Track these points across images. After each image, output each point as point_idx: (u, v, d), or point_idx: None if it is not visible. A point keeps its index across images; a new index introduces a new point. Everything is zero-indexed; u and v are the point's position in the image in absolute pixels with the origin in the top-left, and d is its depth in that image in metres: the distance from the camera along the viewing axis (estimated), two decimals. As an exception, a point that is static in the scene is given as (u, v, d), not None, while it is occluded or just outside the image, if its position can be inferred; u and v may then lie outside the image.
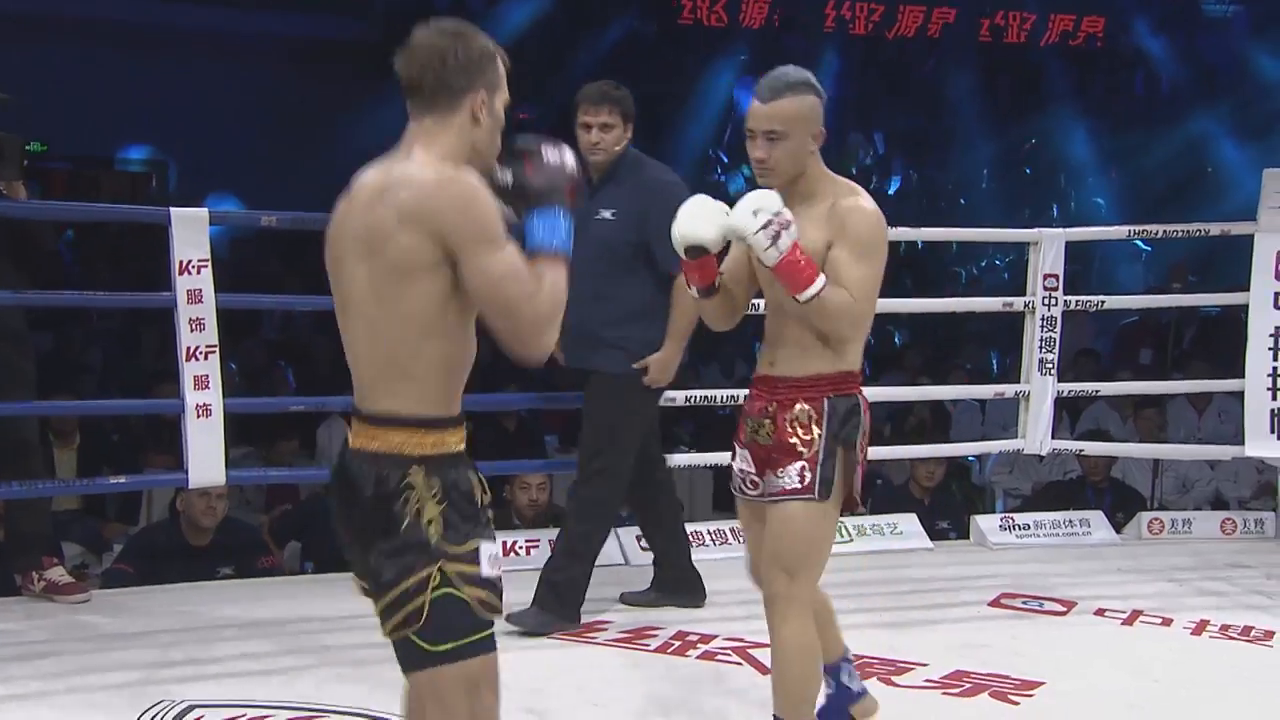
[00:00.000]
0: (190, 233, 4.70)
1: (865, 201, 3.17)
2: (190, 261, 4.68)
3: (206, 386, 4.71)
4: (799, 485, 3.11)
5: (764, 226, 2.98)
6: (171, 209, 4.84)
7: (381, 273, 2.40)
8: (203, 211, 4.81)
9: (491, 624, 2.48)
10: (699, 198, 3.25)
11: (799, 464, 3.11)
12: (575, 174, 2.56)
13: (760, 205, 3.01)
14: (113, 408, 6.85)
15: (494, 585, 2.47)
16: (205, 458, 4.74)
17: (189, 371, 4.69)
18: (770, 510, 3.19)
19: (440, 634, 2.40)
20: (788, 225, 2.99)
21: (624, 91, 4.64)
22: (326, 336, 9.98)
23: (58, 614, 4.65)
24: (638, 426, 4.69)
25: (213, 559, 5.38)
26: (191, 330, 4.69)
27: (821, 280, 3.02)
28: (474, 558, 2.43)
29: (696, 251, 3.15)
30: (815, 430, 3.12)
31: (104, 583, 5.29)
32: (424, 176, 2.40)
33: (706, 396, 5.83)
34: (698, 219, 3.14)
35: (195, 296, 4.67)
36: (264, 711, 3.79)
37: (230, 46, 14.58)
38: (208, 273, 4.68)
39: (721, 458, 4.87)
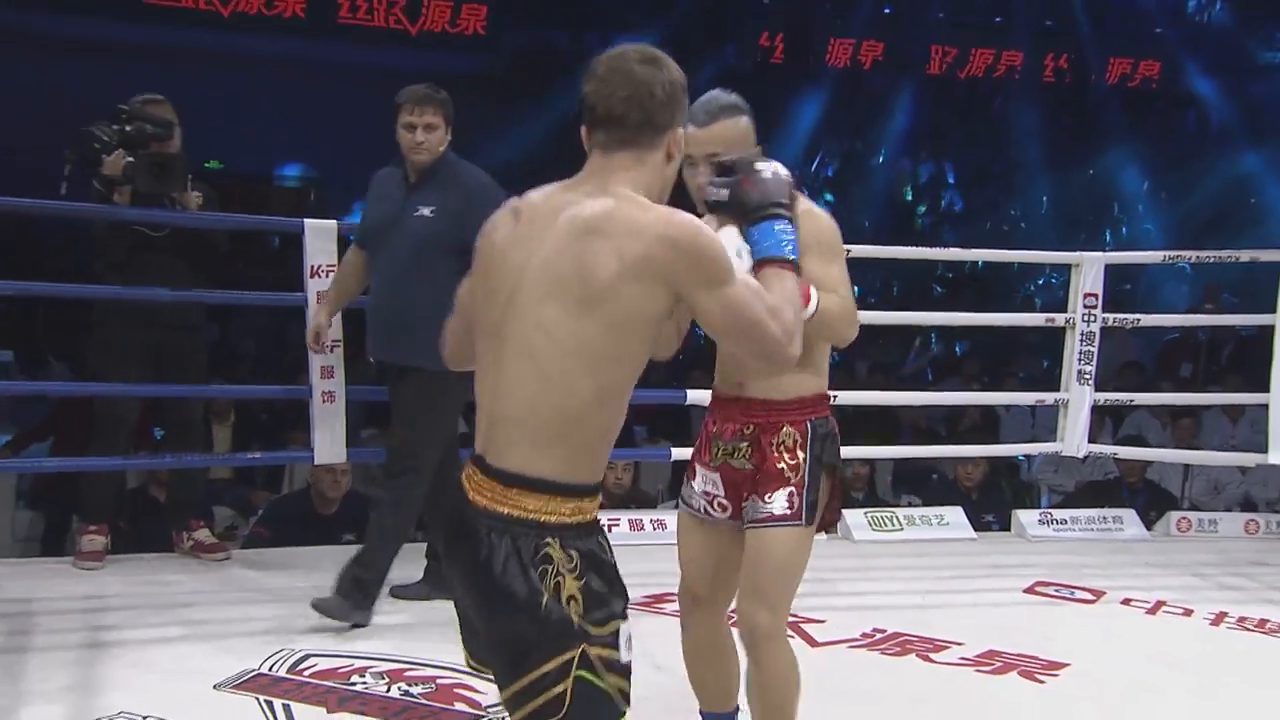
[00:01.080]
0: (321, 241, 4.75)
1: (814, 207, 2.83)
2: (320, 266, 4.73)
3: (331, 376, 4.76)
4: (787, 511, 2.77)
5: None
6: (306, 220, 4.90)
7: (596, 322, 1.98)
8: (332, 223, 4.85)
9: (624, 714, 2.06)
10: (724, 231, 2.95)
11: (786, 490, 2.78)
12: (791, 186, 2.34)
13: (739, 246, 2.52)
14: (255, 392, 6.97)
15: (629, 671, 2.05)
16: (329, 438, 4.79)
17: (316, 362, 4.74)
18: (752, 535, 2.81)
19: None
20: None
21: (445, 95, 4.27)
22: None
23: (202, 570, 4.75)
24: (450, 422, 4.42)
25: (337, 526, 5.42)
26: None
27: (815, 292, 2.69)
28: (614, 641, 2.01)
29: None
30: (800, 454, 2.80)
31: (244, 544, 5.37)
32: (647, 220, 2.00)
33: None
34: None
35: (323, 297, 4.71)
36: (368, 662, 3.80)
37: (373, 78, 14.80)
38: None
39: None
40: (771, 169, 2.33)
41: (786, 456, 2.78)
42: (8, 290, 6.39)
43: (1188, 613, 4.85)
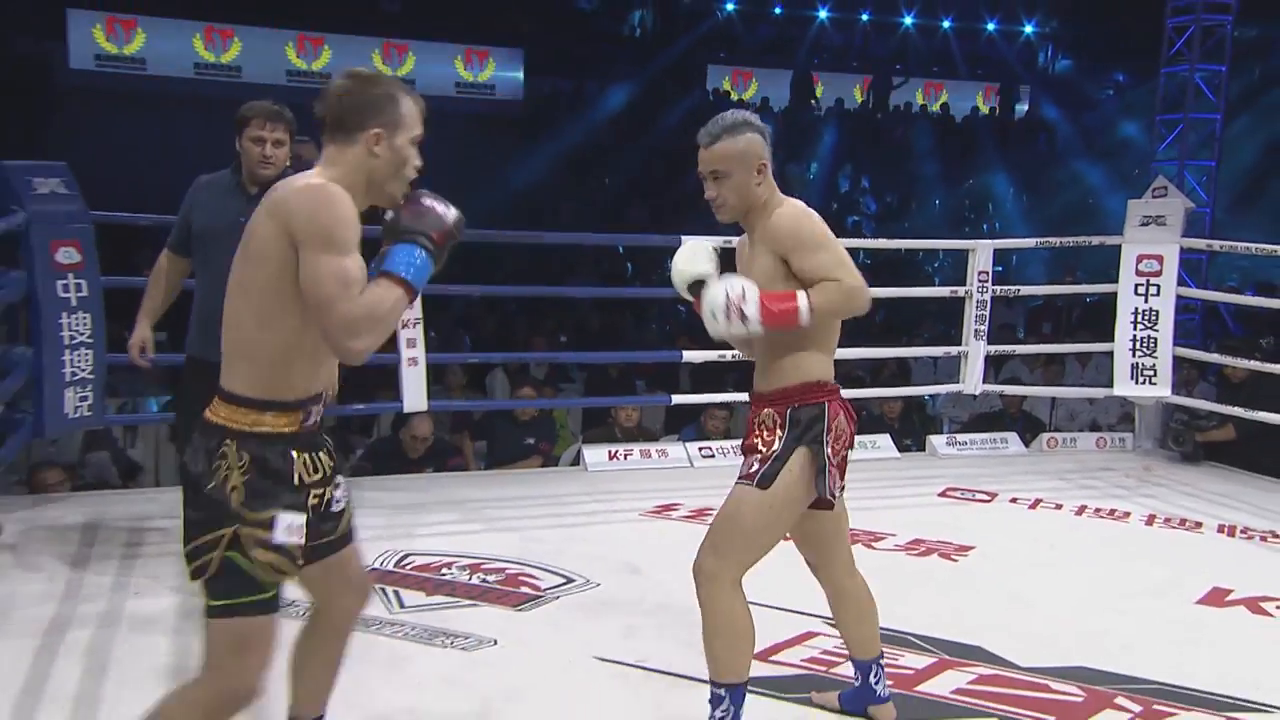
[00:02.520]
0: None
1: (785, 208, 2.48)
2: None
3: (414, 346, 4.79)
4: (748, 473, 2.46)
5: (730, 319, 2.39)
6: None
7: (242, 260, 1.99)
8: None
9: (276, 588, 1.98)
10: (691, 241, 2.71)
11: (756, 458, 2.47)
12: (449, 225, 2.03)
13: (712, 308, 2.42)
14: None
15: (287, 552, 1.96)
16: (414, 393, 4.83)
17: (403, 336, 4.76)
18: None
19: (219, 590, 1.95)
20: (742, 296, 2.39)
21: (290, 113, 3.60)
22: (491, 314, 10.14)
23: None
24: None
25: (421, 461, 5.47)
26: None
27: (802, 297, 2.39)
28: (270, 524, 1.94)
29: (698, 286, 2.48)
30: (779, 433, 2.46)
31: (350, 474, 5.39)
32: (297, 184, 1.96)
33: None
34: (697, 257, 2.51)
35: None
36: (453, 558, 3.87)
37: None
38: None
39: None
40: (437, 205, 2.04)
41: (765, 434, 2.48)
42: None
43: (1059, 506, 4.93)
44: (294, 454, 2.00)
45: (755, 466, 2.46)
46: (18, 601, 3.34)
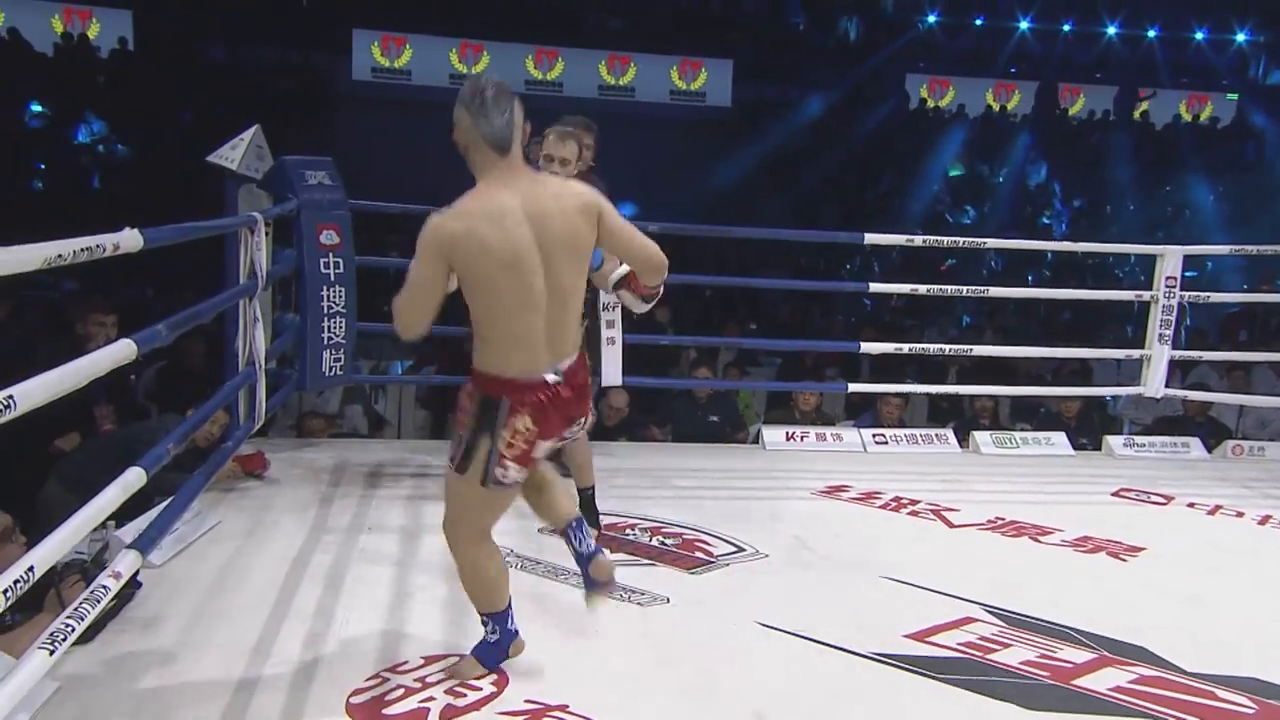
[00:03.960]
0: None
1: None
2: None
3: (613, 327, 4.79)
4: (449, 455, 2.42)
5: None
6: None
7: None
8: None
9: None
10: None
11: (456, 437, 2.39)
12: None
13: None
14: None
15: None
16: (611, 369, 4.85)
17: (603, 318, 4.78)
18: None
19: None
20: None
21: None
22: (690, 302, 10.16)
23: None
24: None
25: (616, 430, 5.53)
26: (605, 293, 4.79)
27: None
28: None
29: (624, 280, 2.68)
30: (465, 416, 2.37)
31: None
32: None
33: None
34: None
35: (611, 273, 4.77)
36: (638, 521, 3.87)
37: (636, 119, 15.09)
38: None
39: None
40: None
41: (461, 415, 2.40)
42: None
43: (1239, 514, 4.46)
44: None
45: (451, 448, 2.43)
46: (277, 528, 3.60)
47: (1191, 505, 4.56)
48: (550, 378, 2.32)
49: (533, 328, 2.29)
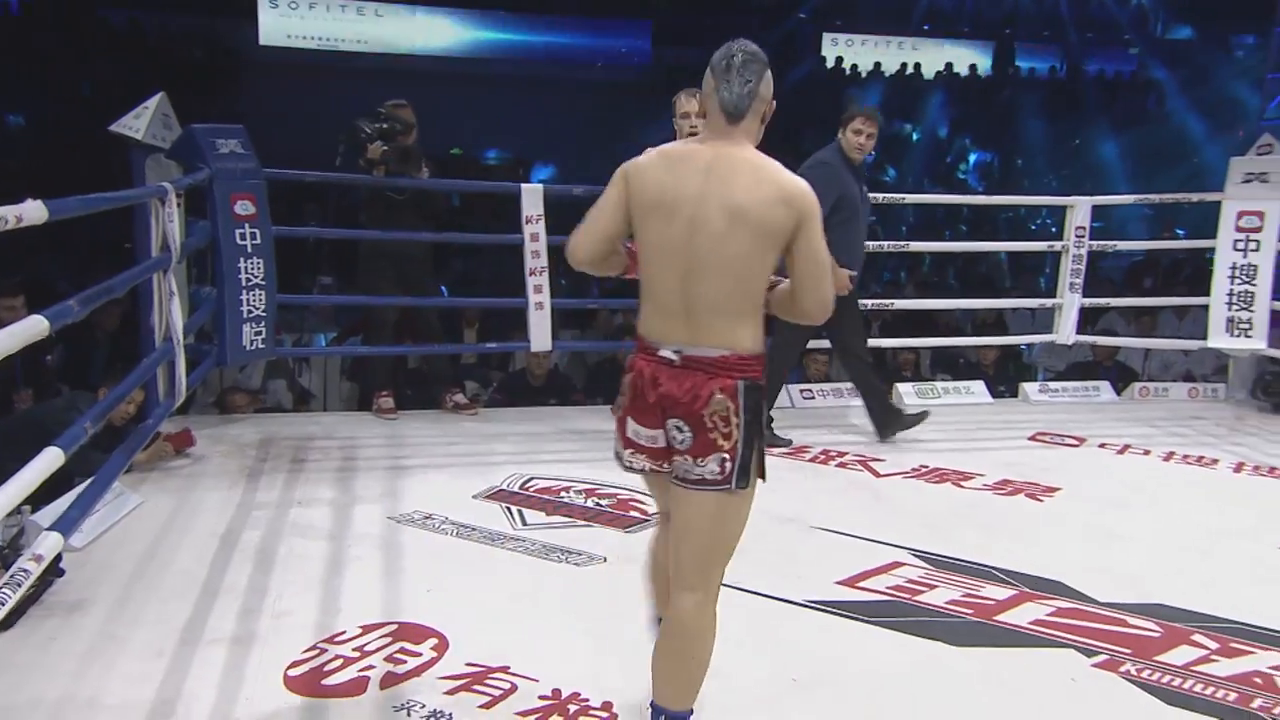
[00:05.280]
0: (532, 198, 4.76)
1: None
2: (532, 216, 4.74)
3: (541, 291, 4.79)
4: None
5: None
6: (521, 185, 4.91)
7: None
8: (539, 187, 4.85)
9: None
10: None
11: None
12: None
13: None
14: (491, 303, 6.70)
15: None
16: (540, 334, 4.84)
17: (531, 282, 4.76)
18: None
19: None
20: None
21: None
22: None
23: (460, 421, 4.85)
24: None
25: (545, 394, 5.52)
26: (533, 258, 4.76)
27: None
28: None
29: None
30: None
31: (486, 404, 5.50)
32: None
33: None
34: None
35: (535, 237, 4.73)
36: (571, 483, 3.88)
37: (555, 81, 14.90)
38: (542, 222, 4.72)
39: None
40: None
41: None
42: (331, 235, 6.61)
43: (1146, 452, 4.67)
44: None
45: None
46: (204, 506, 3.52)
47: (1103, 445, 4.75)
48: (665, 352, 2.01)
49: (665, 287, 2.02)
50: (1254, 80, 10.30)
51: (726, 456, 1.98)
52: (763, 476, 2.05)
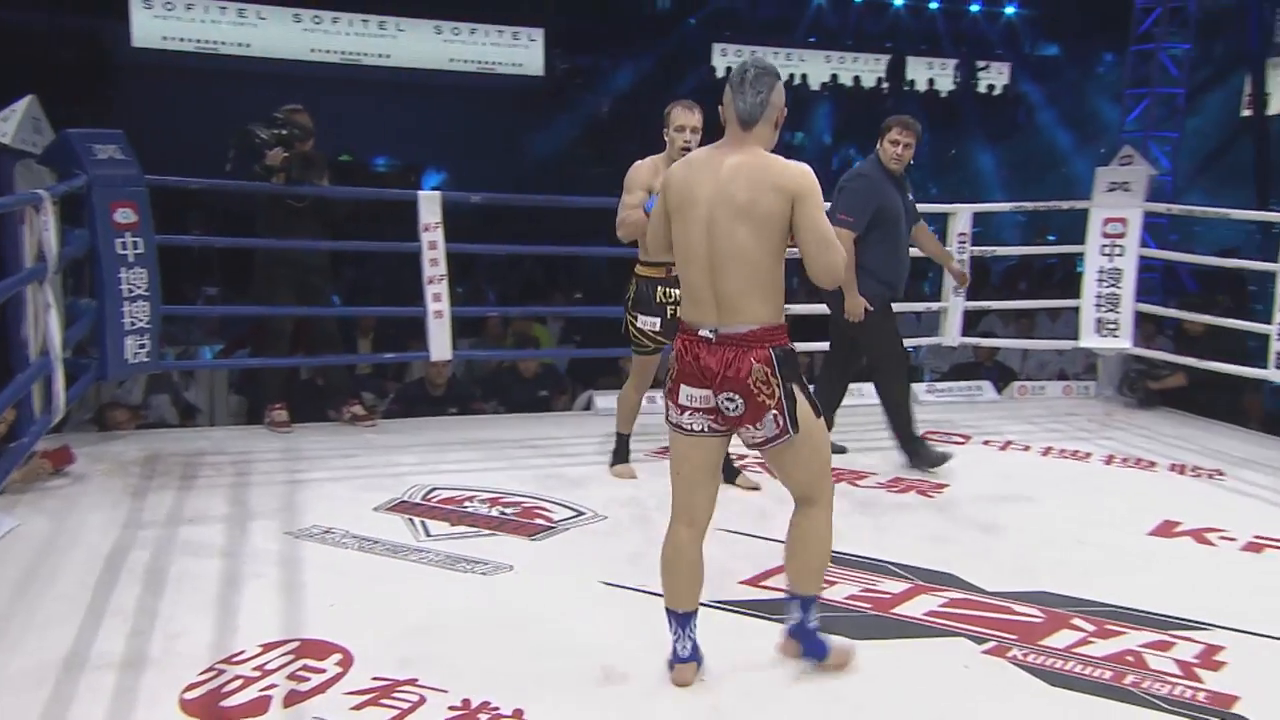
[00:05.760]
0: (429, 205, 4.71)
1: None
2: (430, 223, 4.70)
3: (440, 300, 4.75)
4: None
5: None
6: (419, 192, 4.85)
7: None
8: (438, 194, 4.81)
9: (651, 347, 3.87)
10: None
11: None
12: None
13: None
14: (388, 312, 6.71)
15: (647, 334, 3.86)
16: (439, 342, 4.80)
17: (429, 291, 4.72)
18: None
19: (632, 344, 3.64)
20: None
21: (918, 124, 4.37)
22: (514, 272, 10.08)
23: (358, 433, 4.77)
24: None
25: (445, 403, 5.46)
26: (431, 266, 4.71)
27: None
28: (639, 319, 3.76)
29: None
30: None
31: (384, 416, 5.39)
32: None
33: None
34: None
35: (433, 245, 4.69)
36: (475, 493, 3.86)
37: (446, 87, 14.73)
38: (440, 230, 4.69)
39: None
40: None
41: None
42: (220, 244, 6.36)
43: (1026, 448, 4.89)
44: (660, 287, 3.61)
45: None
46: (85, 527, 3.36)
47: (986, 443, 4.97)
48: (703, 332, 2.37)
49: (694, 278, 2.38)
50: (1115, 95, 10.91)
51: (776, 412, 2.35)
52: (819, 414, 2.42)
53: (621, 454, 4.25)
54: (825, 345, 4.79)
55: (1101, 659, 2.69)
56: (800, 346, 2.61)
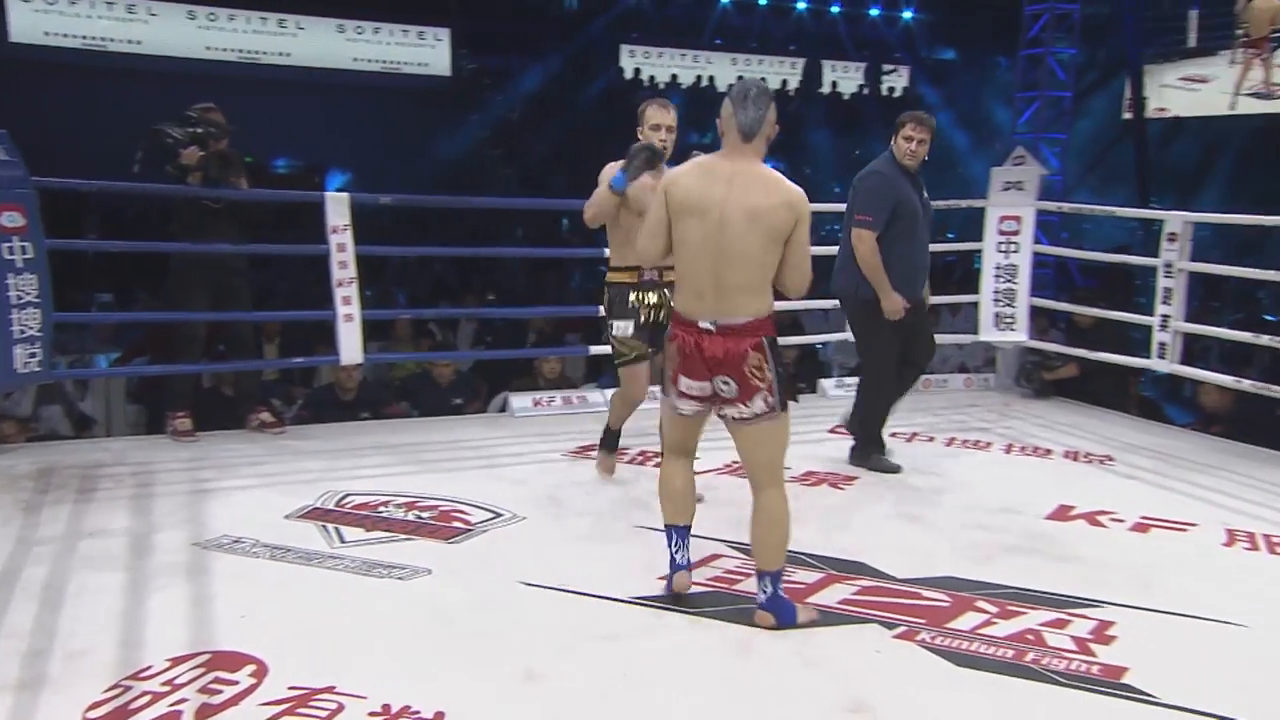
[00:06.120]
0: (338, 207, 4.63)
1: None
2: (338, 225, 4.61)
3: (349, 303, 4.66)
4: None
5: None
6: (326, 194, 4.76)
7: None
8: (345, 196, 4.72)
9: (632, 353, 3.74)
10: None
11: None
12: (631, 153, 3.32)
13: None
14: (296, 317, 6.56)
15: (622, 341, 3.73)
16: (350, 346, 4.72)
17: (338, 294, 4.63)
18: None
19: (613, 355, 3.85)
20: None
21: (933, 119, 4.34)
22: (424, 273, 9.96)
23: (266, 441, 4.66)
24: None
25: (356, 408, 5.38)
26: (340, 269, 4.63)
27: None
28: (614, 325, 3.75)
29: None
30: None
31: (293, 422, 5.28)
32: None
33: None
34: None
35: (341, 248, 4.61)
36: (390, 497, 3.81)
37: (351, 87, 14.44)
38: (349, 232, 4.61)
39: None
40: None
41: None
42: (115, 248, 6.12)
43: (931, 439, 5.04)
44: (632, 292, 3.60)
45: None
46: (-26, 546, 3.21)
47: (894, 434, 5.05)
48: (704, 324, 2.68)
49: (698, 274, 2.68)
50: (1008, 98, 11.35)
51: (767, 393, 2.70)
52: (795, 399, 2.60)
53: (609, 444, 4.12)
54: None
55: (1004, 639, 2.80)
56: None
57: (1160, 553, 3.55)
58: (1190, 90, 13.64)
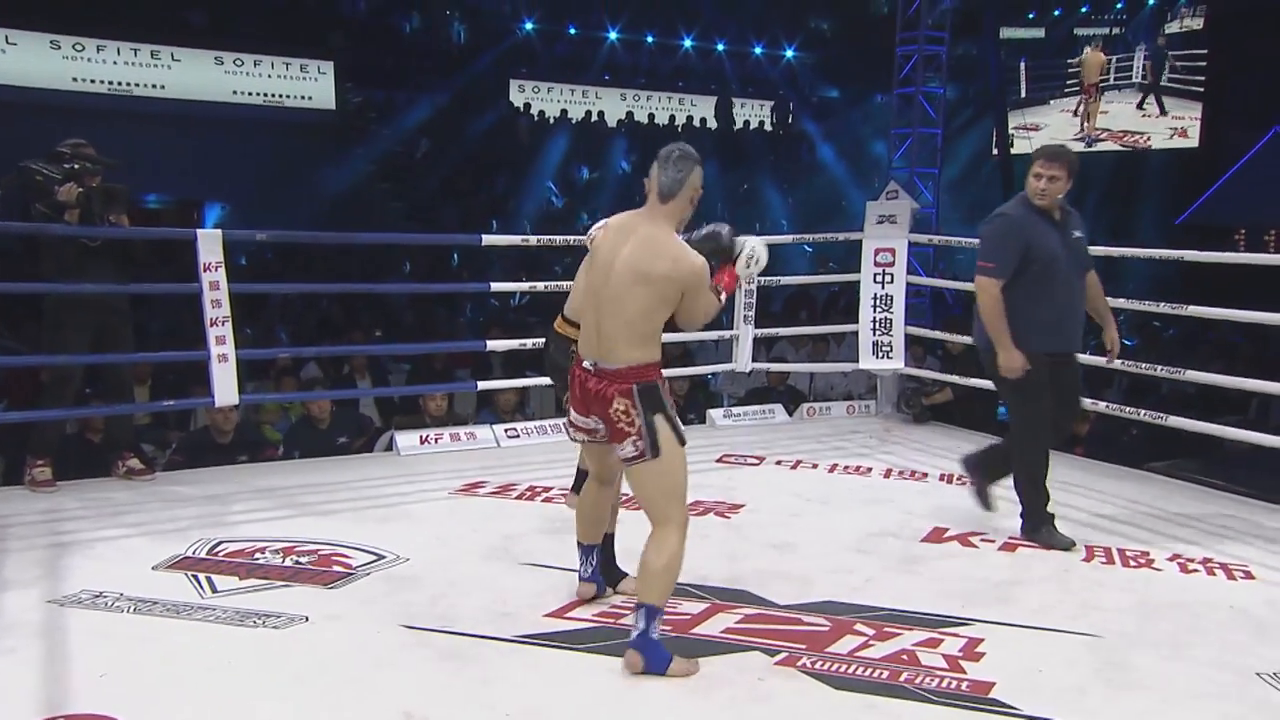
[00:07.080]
0: (210, 244, 4.49)
1: None
2: (211, 263, 4.47)
3: (224, 343, 4.51)
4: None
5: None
6: (197, 230, 4.62)
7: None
8: (218, 232, 4.58)
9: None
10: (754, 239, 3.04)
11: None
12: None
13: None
14: (170, 358, 6.10)
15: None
16: (224, 387, 4.57)
17: (212, 334, 4.48)
18: None
19: None
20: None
21: (1073, 154, 3.84)
22: (310, 311, 9.72)
23: (135, 488, 4.45)
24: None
25: (233, 450, 5.20)
26: (214, 307, 4.49)
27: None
28: None
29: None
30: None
31: (165, 468, 5.07)
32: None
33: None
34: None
35: (215, 285, 4.47)
36: (266, 543, 3.69)
37: (231, 121, 14.08)
38: (222, 270, 4.48)
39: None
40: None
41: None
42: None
43: (815, 466, 5.16)
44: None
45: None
46: None
47: (779, 463, 5.22)
48: (586, 364, 2.82)
49: (587, 317, 2.83)
50: (886, 134, 11.85)
51: (636, 438, 2.72)
52: (682, 442, 2.77)
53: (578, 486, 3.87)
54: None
55: (880, 660, 2.89)
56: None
57: (1027, 571, 3.72)
58: (1023, 139, 14.50)
